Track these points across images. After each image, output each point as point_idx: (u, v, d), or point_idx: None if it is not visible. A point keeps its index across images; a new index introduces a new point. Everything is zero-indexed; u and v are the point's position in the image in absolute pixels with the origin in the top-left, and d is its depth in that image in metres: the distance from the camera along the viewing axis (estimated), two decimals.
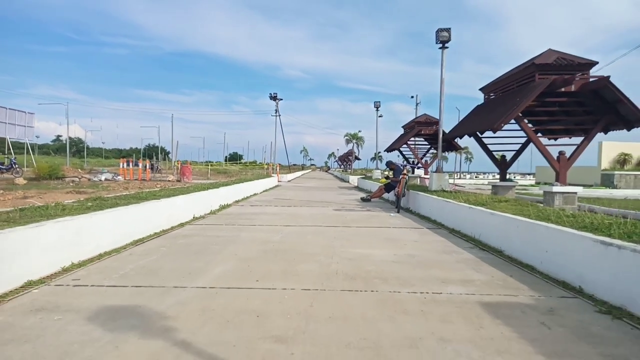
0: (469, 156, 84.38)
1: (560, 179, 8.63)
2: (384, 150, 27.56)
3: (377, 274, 4.01)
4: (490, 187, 12.75)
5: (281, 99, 36.17)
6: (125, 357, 2.22)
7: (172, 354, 2.26)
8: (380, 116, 25.43)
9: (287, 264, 4.38)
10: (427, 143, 21.67)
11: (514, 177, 59.22)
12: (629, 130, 8.73)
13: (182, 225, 6.93)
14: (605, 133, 9.33)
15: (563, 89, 8.43)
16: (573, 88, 8.44)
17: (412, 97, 35.69)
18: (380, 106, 24.01)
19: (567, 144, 10.03)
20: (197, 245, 5.29)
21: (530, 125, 11.29)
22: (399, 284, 3.70)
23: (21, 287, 3.35)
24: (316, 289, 3.50)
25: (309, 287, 3.54)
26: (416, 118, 20.05)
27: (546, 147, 11.25)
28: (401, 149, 22.14)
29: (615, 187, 27.63)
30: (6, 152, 32.22)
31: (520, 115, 9.84)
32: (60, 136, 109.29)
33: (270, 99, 36.30)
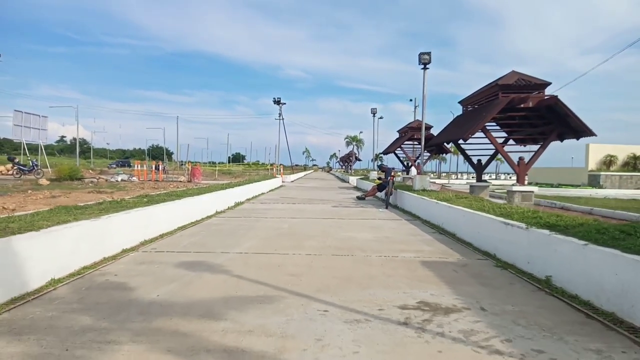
0: None
1: (519, 179, 10.35)
2: (381, 153, 29.31)
3: (357, 247, 5.75)
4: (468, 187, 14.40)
5: (284, 103, 38.04)
6: (207, 281, 3.96)
7: (234, 280, 4.00)
8: (380, 118, 27.29)
9: (295, 241, 6.12)
10: (420, 146, 23.32)
11: (509, 177, 61.07)
12: (577, 139, 10.44)
13: (209, 217, 8.68)
14: (561, 141, 11.00)
15: (522, 105, 10.13)
16: (531, 104, 10.14)
17: (411, 100, 37.51)
18: (376, 112, 25.80)
19: (529, 150, 11.71)
20: (226, 230, 7.03)
21: (504, 133, 13.03)
22: (371, 252, 5.44)
23: (121, 252, 5.09)
24: (315, 254, 5.24)
25: (310, 253, 5.29)
26: (409, 124, 21.75)
27: (520, 151, 13.02)
28: (396, 151, 23.84)
29: (601, 187, 29.26)
30: (21, 154, 34.03)
31: (490, 125, 11.58)
32: (64, 137, 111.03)
33: (274, 103, 38.13)
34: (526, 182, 11.05)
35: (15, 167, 25.90)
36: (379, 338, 2.71)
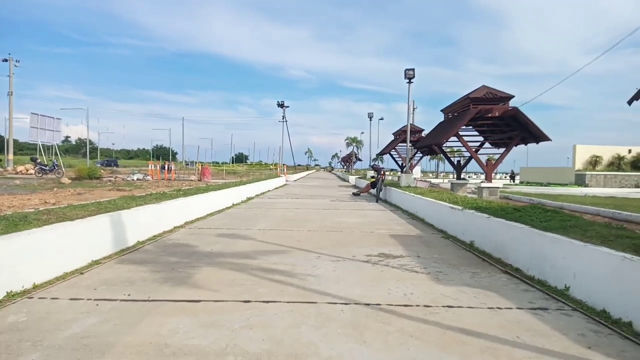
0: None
1: (487, 177, 12.27)
2: (379, 154, 31.26)
3: (345, 227, 7.69)
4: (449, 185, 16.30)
5: (287, 106, 39.98)
6: (240, 244, 5.91)
7: (258, 243, 5.95)
8: (381, 119, 29.25)
9: (299, 223, 8.08)
10: (413, 148, 25.27)
11: (504, 177, 63.05)
12: (537, 143, 12.34)
13: (228, 208, 10.64)
14: (525, 145, 12.92)
15: (490, 115, 12.05)
16: (497, 114, 12.05)
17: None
18: (373, 116, 27.70)
19: (498, 153, 13.63)
20: (245, 216, 8.99)
21: (481, 138, 14.98)
22: (355, 229, 7.39)
23: (173, 228, 7.03)
24: (314, 230, 7.20)
25: (311, 230, 7.25)
26: (403, 127, 23.66)
27: (495, 153, 14.93)
28: (392, 152, 25.77)
29: (587, 185, 31.07)
30: (37, 155, 36.09)
31: (468, 130, 13.51)
32: (69, 137, 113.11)
33: (278, 106, 40.09)
34: (517, 180, 12.96)
35: (37, 167, 27.93)
36: (348, 266, 4.67)
